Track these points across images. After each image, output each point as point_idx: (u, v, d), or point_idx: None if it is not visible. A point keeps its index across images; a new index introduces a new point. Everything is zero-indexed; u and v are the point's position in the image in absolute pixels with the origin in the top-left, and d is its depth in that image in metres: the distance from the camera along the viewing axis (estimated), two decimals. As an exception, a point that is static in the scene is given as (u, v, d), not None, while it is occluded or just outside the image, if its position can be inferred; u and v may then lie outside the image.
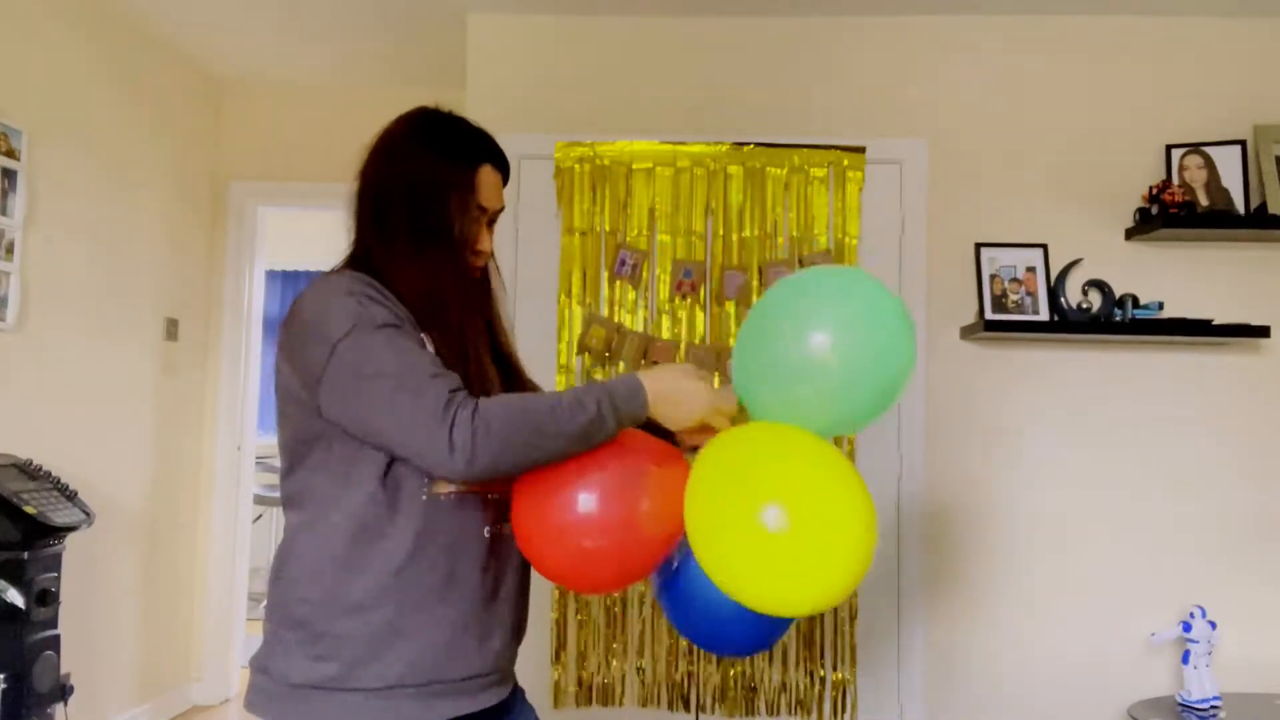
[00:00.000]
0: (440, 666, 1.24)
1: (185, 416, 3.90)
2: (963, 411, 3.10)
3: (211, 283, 4.09)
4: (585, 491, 1.25)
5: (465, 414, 1.17)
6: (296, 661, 1.24)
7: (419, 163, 1.35)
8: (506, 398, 1.22)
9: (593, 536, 1.25)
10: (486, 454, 1.17)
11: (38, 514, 2.54)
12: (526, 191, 3.19)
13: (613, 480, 1.26)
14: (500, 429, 1.18)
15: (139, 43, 3.57)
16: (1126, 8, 3.10)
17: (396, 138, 1.39)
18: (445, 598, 1.25)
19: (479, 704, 1.29)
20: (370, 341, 1.21)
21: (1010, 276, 3.04)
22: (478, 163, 1.38)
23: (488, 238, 1.40)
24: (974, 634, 3.05)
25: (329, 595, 1.24)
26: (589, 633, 3.06)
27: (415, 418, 1.17)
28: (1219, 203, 3.00)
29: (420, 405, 1.17)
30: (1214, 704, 2.76)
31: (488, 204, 1.39)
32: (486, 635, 1.30)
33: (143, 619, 3.61)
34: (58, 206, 3.12)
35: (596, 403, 1.23)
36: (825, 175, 3.11)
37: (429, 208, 1.33)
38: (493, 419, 1.18)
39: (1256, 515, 3.03)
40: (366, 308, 1.23)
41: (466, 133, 1.41)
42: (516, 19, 3.26)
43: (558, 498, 1.25)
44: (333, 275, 1.30)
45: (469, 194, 1.36)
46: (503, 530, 1.33)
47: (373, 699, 1.22)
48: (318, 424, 1.26)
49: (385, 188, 1.36)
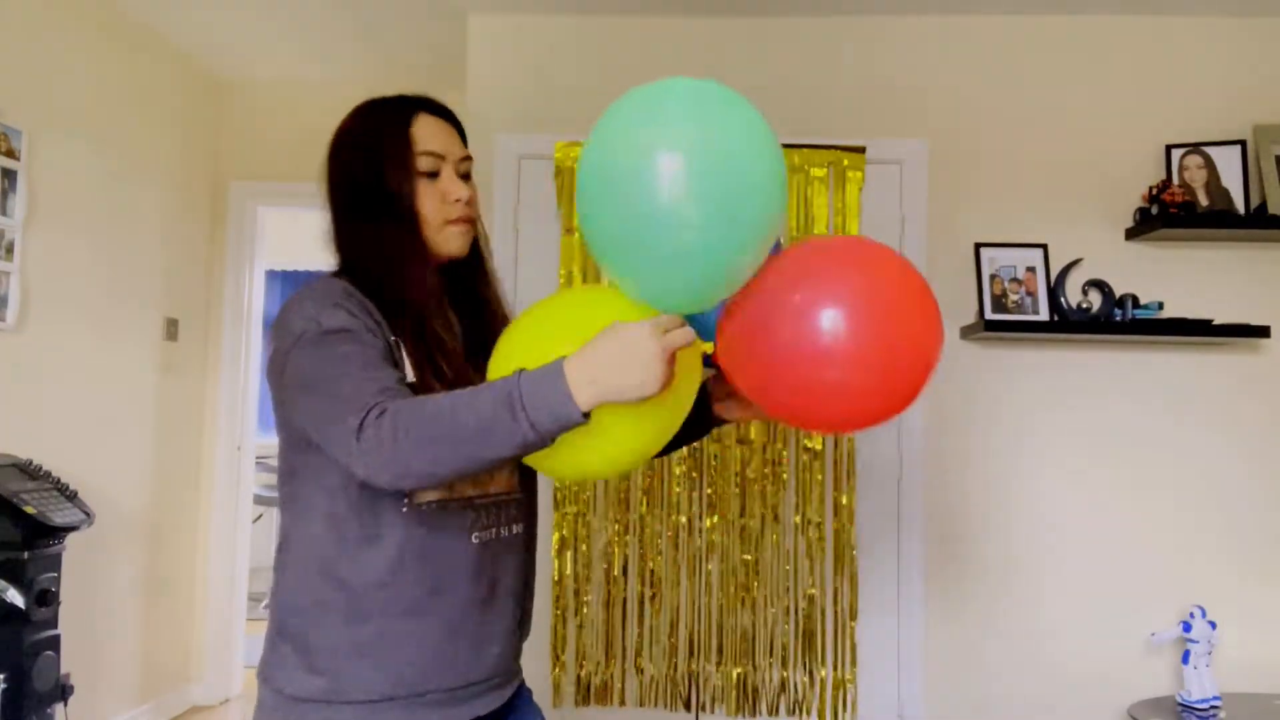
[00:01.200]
0: (429, 677, 1.23)
1: (185, 416, 3.90)
2: (963, 411, 3.10)
3: (211, 283, 4.09)
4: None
5: (375, 414, 1.11)
6: (290, 673, 1.24)
7: (354, 141, 1.35)
8: (417, 398, 1.14)
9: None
10: (394, 455, 1.09)
11: (38, 514, 2.54)
12: (526, 191, 3.19)
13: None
14: (414, 429, 1.09)
15: (139, 43, 3.57)
16: (1127, 8, 3.10)
17: (336, 136, 1.39)
18: (432, 608, 1.23)
19: (474, 711, 1.28)
20: (313, 351, 1.19)
21: (1010, 276, 3.04)
22: (409, 114, 1.34)
23: (459, 185, 1.34)
24: (974, 634, 3.05)
25: (317, 606, 1.23)
26: (588, 632, 3.06)
27: (331, 423, 1.14)
28: (1219, 203, 3.00)
29: (340, 411, 1.13)
30: (1214, 704, 2.76)
31: (436, 148, 1.33)
32: (482, 642, 1.28)
33: (143, 619, 3.61)
34: (58, 206, 3.12)
35: (506, 386, 1.09)
36: (825, 175, 3.11)
37: (374, 182, 1.30)
38: (406, 419, 1.10)
39: (1257, 515, 3.03)
40: (321, 315, 1.21)
41: (392, 98, 1.39)
42: (516, 19, 3.26)
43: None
44: (311, 285, 1.30)
45: (406, 150, 1.31)
46: (495, 535, 1.30)
47: (361, 712, 1.21)
48: (299, 432, 1.26)
49: (334, 184, 1.35)
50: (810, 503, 3.06)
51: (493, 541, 1.30)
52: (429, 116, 1.35)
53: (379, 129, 1.33)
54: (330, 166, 1.37)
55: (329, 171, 1.37)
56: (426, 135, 1.33)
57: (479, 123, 3.23)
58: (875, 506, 3.10)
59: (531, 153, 3.18)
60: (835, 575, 3.05)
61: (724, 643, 3.05)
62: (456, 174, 1.35)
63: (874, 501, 3.10)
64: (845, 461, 3.07)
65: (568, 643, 3.05)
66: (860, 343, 1.09)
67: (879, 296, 1.12)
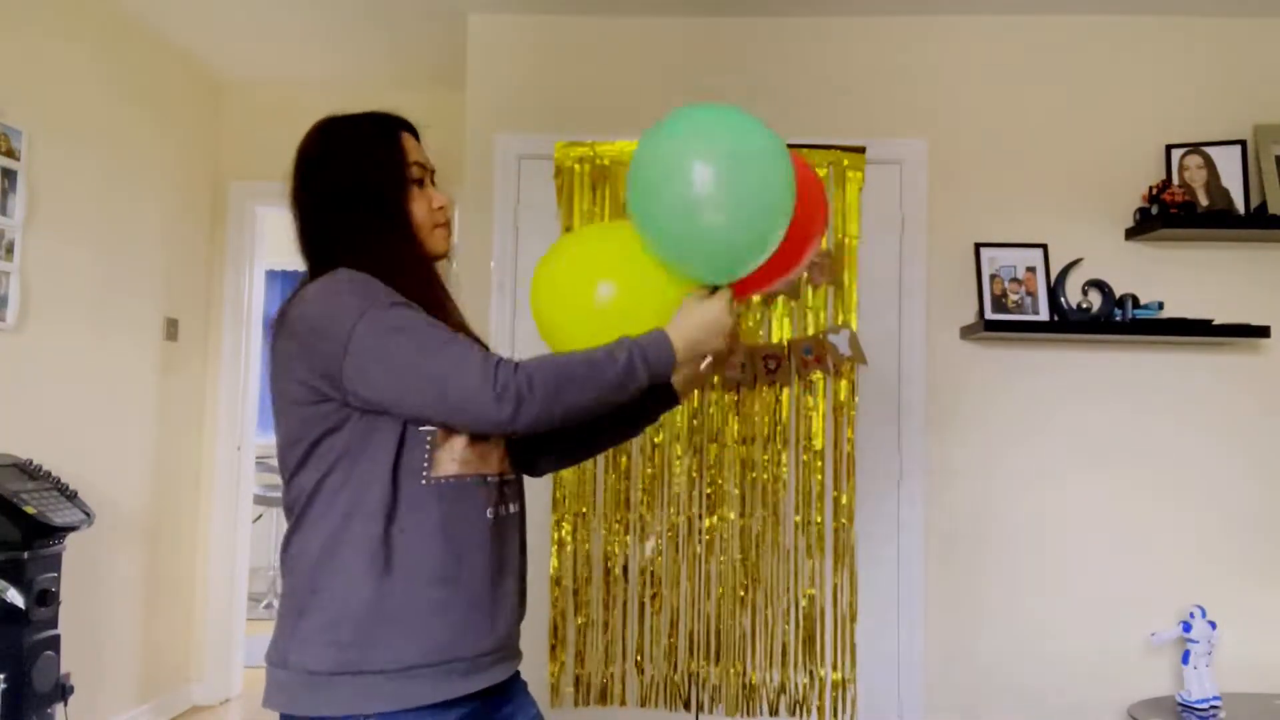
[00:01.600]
0: (453, 646, 1.27)
1: (185, 416, 3.90)
2: (963, 412, 3.10)
3: (211, 283, 4.09)
4: None
5: (508, 366, 1.24)
6: (314, 649, 1.25)
7: (348, 154, 1.39)
8: (540, 356, 1.29)
9: None
10: (532, 406, 1.24)
11: (38, 514, 2.54)
12: (526, 191, 3.19)
13: None
14: (542, 382, 1.24)
15: (139, 43, 3.57)
16: (1127, 7, 3.10)
17: (310, 149, 1.41)
18: (454, 579, 1.28)
19: (491, 679, 1.33)
20: (386, 315, 1.25)
21: (1010, 276, 3.04)
22: (396, 129, 1.43)
23: (440, 194, 1.44)
24: (974, 634, 3.05)
25: (342, 583, 1.25)
26: (588, 632, 3.06)
27: (460, 367, 1.23)
28: (1219, 203, 3.00)
29: (464, 356, 1.24)
30: (1214, 704, 2.76)
31: (422, 160, 1.43)
32: (494, 613, 1.33)
33: (143, 619, 3.61)
34: (58, 206, 3.12)
35: (628, 353, 1.30)
36: (825, 175, 3.11)
37: (373, 190, 1.36)
38: (534, 373, 1.25)
39: (1257, 515, 3.03)
40: (372, 292, 1.26)
41: (368, 115, 1.44)
42: (516, 19, 3.26)
43: None
44: (326, 278, 1.30)
45: (401, 158, 1.39)
46: (505, 511, 1.37)
47: (391, 680, 1.24)
48: (321, 424, 1.28)
49: (317, 195, 1.38)
50: (810, 503, 3.06)
51: (503, 518, 1.37)
52: (408, 135, 1.45)
53: (372, 142, 1.40)
54: (316, 179, 1.39)
55: (315, 183, 1.39)
56: (412, 147, 1.43)
57: (479, 123, 3.23)
58: (875, 506, 3.10)
59: (531, 153, 3.18)
60: (835, 575, 3.05)
61: (724, 643, 3.05)
62: (433, 185, 1.45)
63: (874, 501, 3.10)
64: (845, 462, 3.07)
65: (568, 643, 3.05)
66: None
67: None
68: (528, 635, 1.48)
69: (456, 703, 1.27)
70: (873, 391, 3.11)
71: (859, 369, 3.09)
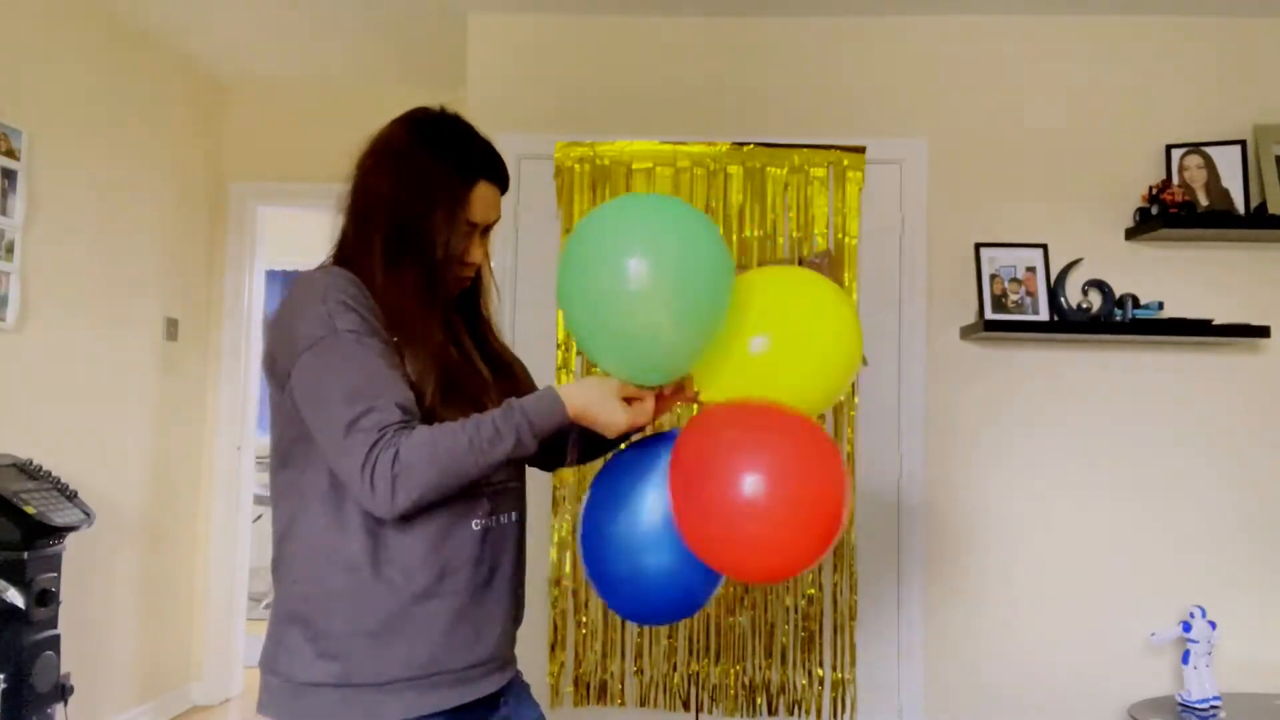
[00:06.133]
0: (438, 659, 1.26)
1: (185, 416, 3.90)
2: (963, 411, 3.10)
3: (211, 283, 4.09)
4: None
5: (387, 456, 1.19)
6: (301, 660, 1.26)
7: (413, 173, 1.34)
8: (430, 435, 1.21)
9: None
10: (409, 493, 1.20)
11: (38, 514, 2.54)
12: (526, 191, 3.19)
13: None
14: (420, 472, 1.19)
15: (139, 43, 3.57)
16: (1127, 8, 3.10)
17: (396, 141, 1.37)
18: (439, 592, 1.27)
19: (479, 691, 1.31)
20: (329, 358, 1.22)
21: (1010, 276, 3.04)
22: (474, 179, 1.36)
23: (479, 249, 1.39)
24: (974, 634, 3.05)
25: (325, 593, 1.26)
26: (587, 632, 3.06)
27: (342, 459, 1.21)
28: (1219, 203, 3.00)
29: (349, 446, 1.20)
30: (1214, 704, 2.76)
31: (480, 219, 1.37)
32: (483, 625, 1.32)
33: (143, 619, 3.61)
34: (58, 206, 3.12)
35: (515, 430, 1.24)
36: (825, 175, 3.11)
37: (414, 221, 1.32)
38: (413, 462, 1.19)
39: (1257, 515, 3.03)
40: (336, 316, 1.23)
41: (467, 145, 1.38)
42: (516, 19, 3.26)
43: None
44: (316, 274, 1.30)
45: (459, 210, 1.34)
46: (494, 523, 1.34)
47: (375, 693, 1.24)
48: (301, 426, 1.28)
49: (374, 192, 1.34)
50: (810, 503, 3.05)
51: (493, 528, 1.34)
52: (487, 184, 1.38)
53: (439, 182, 1.34)
54: (373, 171, 1.35)
55: (370, 173, 1.35)
56: (481, 203, 1.37)
57: (479, 122, 3.19)
58: (875, 506, 3.10)
59: (531, 153, 3.18)
60: (835, 575, 3.05)
61: (724, 643, 3.05)
62: (480, 236, 1.40)
63: (874, 501, 3.10)
64: (845, 462, 3.07)
65: (568, 643, 3.05)
66: (775, 500, 1.23)
67: (793, 460, 1.26)
68: (527, 635, 1.48)
69: (441, 715, 1.27)
70: (873, 391, 3.11)
71: (859, 369, 3.09)
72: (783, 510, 1.22)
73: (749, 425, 1.30)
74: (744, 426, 1.30)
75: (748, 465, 1.23)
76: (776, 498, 1.22)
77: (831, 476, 1.25)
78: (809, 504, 1.23)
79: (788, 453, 1.25)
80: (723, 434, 1.28)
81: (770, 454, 1.25)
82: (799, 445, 1.27)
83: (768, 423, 1.30)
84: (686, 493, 1.28)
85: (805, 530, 1.23)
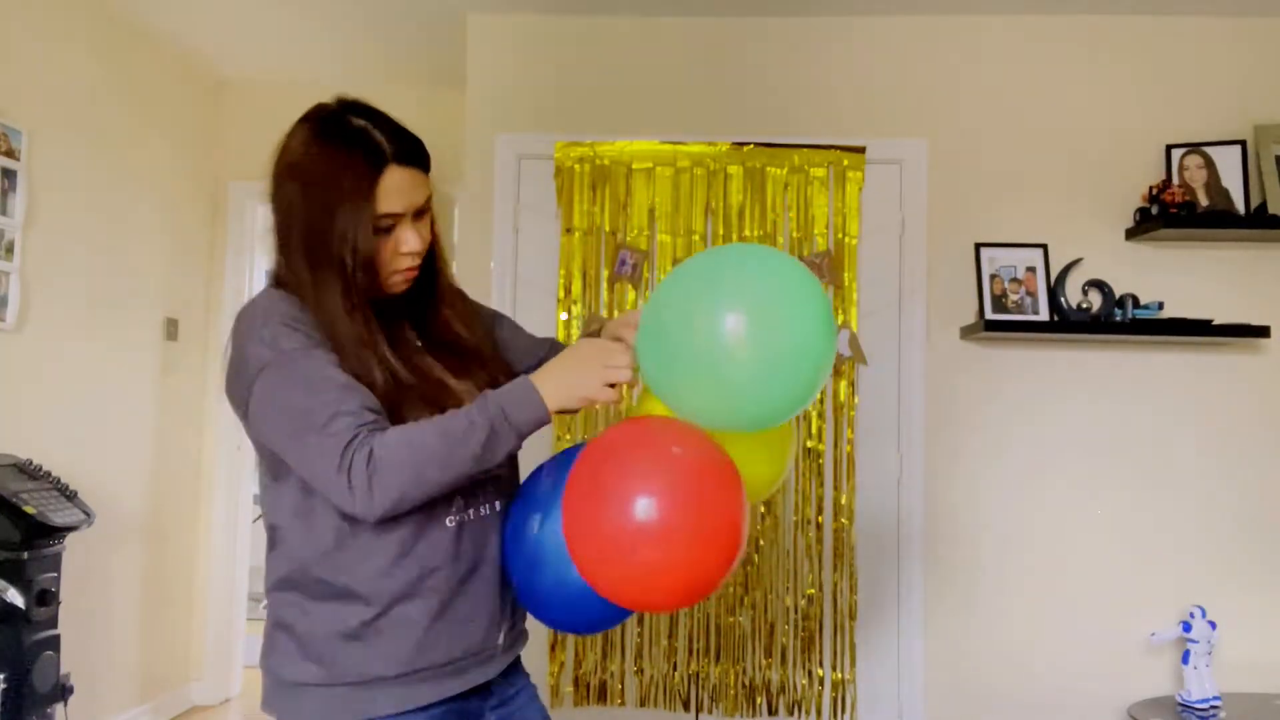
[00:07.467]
0: (418, 657, 1.27)
1: (185, 416, 3.90)
2: (963, 412, 3.10)
3: (211, 283, 4.09)
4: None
5: (362, 454, 1.17)
6: (286, 660, 1.28)
7: (312, 177, 1.28)
8: (403, 433, 1.20)
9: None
10: (388, 492, 1.18)
11: (38, 514, 2.54)
12: (526, 191, 3.19)
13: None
14: (397, 469, 1.18)
15: (139, 42, 3.57)
16: (1127, 8, 3.10)
17: (295, 146, 1.33)
18: (416, 593, 1.27)
19: (469, 682, 1.32)
20: (282, 378, 1.21)
21: (1010, 276, 3.04)
22: (380, 167, 1.27)
23: (413, 237, 1.30)
24: (974, 634, 3.05)
25: (305, 597, 1.28)
26: (589, 633, 3.05)
27: (316, 464, 1.19)
28: (1219, 203, 3.00)
29: (321, 450, 1.18)
30: (1214, 704, 2.76)
31: (400, 207, 1.28)
32: (468, 618, 1.31)
33: (143, 619, 3.61)
34: (58, 206, 3.12)
35: (489, 422, 1.22)
36: (825, 175, 3.11)
37: (323, 226, 1.26)
38: (388, 459, 1.18)
39: (1257, 515, 3.03)
40: (280, 338, 1.22)
41: (364, 135, 1.29)
42: (516, 19, 3.26)
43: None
44: (256, 301, 1.29)
45: (364, 205, 1.25)
46: (469, 517, 1.32)
47: (357, 691, 1.26)
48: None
49: (285, 206, 1.30)
50: (810, 502, 3.06)
51: (469, 523, 1.32)
52: (398, 169, 1.28)
53: (339, 180, 1.26)
54: (279, 192, 1.31)
55: (275, 183, 1.32)
56: (391, 194, 1.27)
57: (479, 123, 3.23)
58: (875, 506, 3.10)
59: (531, 153, 3.18)
60: (835, 575, 3.05)
61: (724, 643, 3.05)
62: (412, 221, 1.32)
63: (874, 501, 3.10)
64: (845, 462, 3.07)
65: (567, 642, 3.05)
66: (669, 523, 1.17)
67: (686, 480, 1.20)
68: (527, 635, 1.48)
69: (429, 707, 1.28)
70: (873, 391, 3.11)
71: (859, 369, 3.09)
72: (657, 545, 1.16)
73: (631, 447, 1.25)
74: (628, 448, 1.24)
75: (637, 490, 1.17)
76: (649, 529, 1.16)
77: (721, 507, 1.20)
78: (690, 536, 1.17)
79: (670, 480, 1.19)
80: (611, 457, 1.23)
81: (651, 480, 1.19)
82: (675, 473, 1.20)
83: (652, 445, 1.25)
84: (572, 513, 1.24)
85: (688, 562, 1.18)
